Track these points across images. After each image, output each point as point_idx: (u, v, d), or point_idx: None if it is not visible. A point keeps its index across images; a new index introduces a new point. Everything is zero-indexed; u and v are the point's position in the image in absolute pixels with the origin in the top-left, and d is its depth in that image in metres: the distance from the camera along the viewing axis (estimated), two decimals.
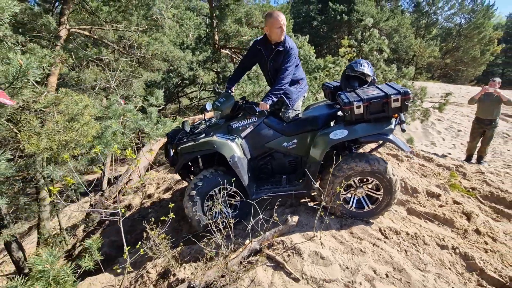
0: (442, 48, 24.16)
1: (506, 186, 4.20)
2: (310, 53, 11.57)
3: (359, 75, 2.59)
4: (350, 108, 2.29)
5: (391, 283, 2.02)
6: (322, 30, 26.91)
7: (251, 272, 2.12)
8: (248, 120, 2.59)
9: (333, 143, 2.38)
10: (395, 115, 2.39)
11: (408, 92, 2.28)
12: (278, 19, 2.38)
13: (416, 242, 2.53)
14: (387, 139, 2.32)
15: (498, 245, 2.79)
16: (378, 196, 2.56)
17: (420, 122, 7.69)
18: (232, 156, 2.42)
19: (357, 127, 2.36)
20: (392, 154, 4.45)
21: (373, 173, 2.42)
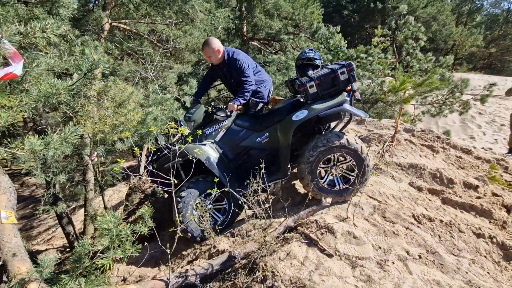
0: (486, 37, 22.24)
1: None
2: (341, 43, 11.31)
3: (307, 61, 2.76)
4: (304, 89, 2.47)
5: (424, 264, 2.07)
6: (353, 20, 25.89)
7: (286, 247, 2.28)
8: (220, 124, 2.74)
9: (297, 124, 2.49)
10: (347, 88, 2.53)
11: (351, 63, 2.49)
12: (204, 52, 2.77)
13: (451, 229, 2.53)
14: (343, 108, 2.45)
15: None
16: (351, 177, 2.63)
17: (459, 114, 7.30)
18: (207, 158, 2.53)
19: (314, 105, 2.50)
20: (427, 145, 4.34)
21: (337, 147, 2.50)
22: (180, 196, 2.54)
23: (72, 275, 1.88)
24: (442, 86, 4.27)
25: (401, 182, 3.35)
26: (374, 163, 3.69)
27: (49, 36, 1.57)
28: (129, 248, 2.03)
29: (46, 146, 1.74)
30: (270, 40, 15.00)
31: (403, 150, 4.03)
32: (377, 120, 5.22)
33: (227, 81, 2.96)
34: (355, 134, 4.51)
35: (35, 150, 1.78)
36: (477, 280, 2.00)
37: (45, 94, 1.65)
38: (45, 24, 1.59)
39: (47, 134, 1.91)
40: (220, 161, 2.63)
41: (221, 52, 2.75)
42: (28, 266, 2.27)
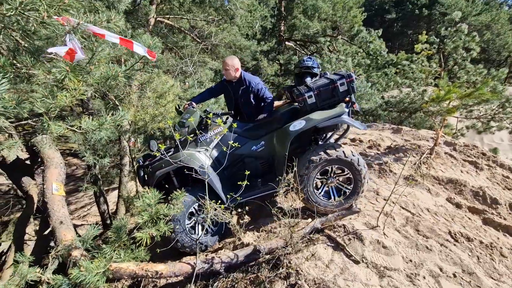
0: None
1: None
2: (382, 48, 10.89)
3: (305, 69, 2.71)
4: (303, 99, 2.45)
5: (459, 284, 1.96)
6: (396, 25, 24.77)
7: (311, 248, 2.27)
8: (215, 131, 2.69)
9: (294, 134, 2.43)
10: (346, 99, 2.48)
11: (351, 74, 2.44)
12: (224, 64, 2.84)
13: (492, 252, 2.35)
14: (342, 120, 2.40)
15: None
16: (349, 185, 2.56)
17: (509, 132, 6.69)
18: (200, 166, 2.46)
19: (312, 116, 2.44)
20: (470, 161, 4.06)
21: (333, 159, 2.44)
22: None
23: (112, 247, 2.05)
24: (493, 98, 3.95)
25: (438, 197, 3.17)
26: (409, 174, 3.54)
27: (113, 26, 1.72)
28: (163, 226, 2.15)
29: (100, 126, 1.90)
30: (307, 41, 14.85)
31: (442, 164, 3.81)
32: (415, 130, 4.96)
33: (235, 99, 3.00)
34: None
35: (90, 129, 1.96)
36: None
37: (105, 76, 1.80)
38: (109, 15, 1.75)
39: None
40: (214, 169, 2.58)
41: (238, 71, 2.88)
42: (72, 234, 2.50)
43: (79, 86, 1.87)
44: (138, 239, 1.99)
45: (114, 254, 2.01)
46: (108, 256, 2.00)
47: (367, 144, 4.52)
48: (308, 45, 15.66)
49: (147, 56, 1.91)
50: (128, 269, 2.12)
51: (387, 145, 4.37)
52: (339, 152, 2.43)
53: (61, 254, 2.33)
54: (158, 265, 2.26)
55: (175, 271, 2.24)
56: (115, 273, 2.06)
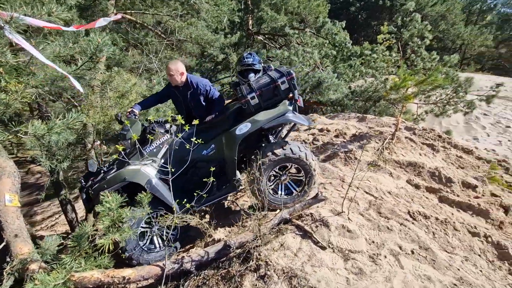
0: (496, 37, 21.85)
1: None
2: (346, 40, 11.22)
3: (247, 67, 2.69)
4: (246, 100, 2.44)
5: (416, 259, 2.10)
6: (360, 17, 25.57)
7: (281, 238, 2.31)
8: (161, 140, 2.57)
9: (241, 138, 2.43)
10: (289, 96, 2.52)
11: (291, 72, 2.47)
12: (168, 69, 2.74)
13: (446, 227, 2.55)
14: (286, 119, 2.44)
15: None
16: (301, 178, 2.64)
17: (463, 115, 7.24)
18: (148, 181, 2.35)
19: (257, 117, 2.45)
20: (428, 144, 4.33)
21: (283, 159, 2.48)
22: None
23: (73, 256, 1.94)
24: (445, 84, 4.24)
25: (399, 180, 3.36)
26: (373, 159, 3.70)
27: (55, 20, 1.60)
28: (128, 231, 2.07)
29: (49, 131, 1.78)
30: (275, 35, 14.88)
31: (403, 148, 4.03)
32: (379, 118, 5.20)
33: (184, 103, 2.92)
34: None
35: (38, 134, 1.82)
36: (469, 277, 2.02)
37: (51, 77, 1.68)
38: (51, 8, 1.63)
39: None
40: (165, 180, 2.43)
41: (184, 75, 2.79)
42: (30, 247, 2.34)
43: (20, 88, 1.73)
44: (99, 245, 1.91)
45: (74, 263, 1.91)
46: (68, 266, 1.90)
47: (334, 134, 4.67)
48: (277, 38, 15.74)
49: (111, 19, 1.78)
50: (92, 277, 2.03)
51: (352, 133, 4.54)
52: (286, 150, 2.47)
53: (17, 269, 2.18)
54: (125, 270, 2.18)
55: (144, 275, 2.18)
56: (78, 283, 1.97)
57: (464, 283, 1.95)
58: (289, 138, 3.15)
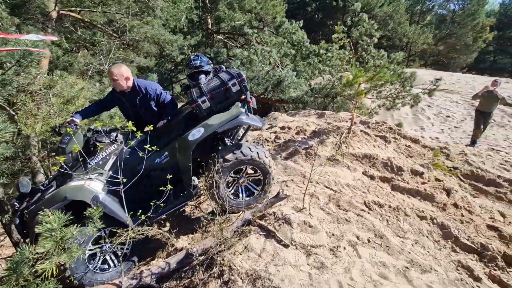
0: (435, 35, 24.22)
1: (487, 166, 4.45)
2: (304, 39, 11.56)
3: (195, 69, 2.62)
4: (197, 105, 2.37)
5: (372, 247, 2.21)
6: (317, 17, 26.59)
7: (244, 240, 2.29)
8: (107, 151, 2.34)
9: (194, 144, 2.34)
10: (242, 98, 2.49)
11: (241, 74, 2.44)
12: (111, 74, 2.50)
13: (398, 214, 2.73)
14: (239, 121, 2.39)
15: (474, 217, 3.02)
16: (259, 177, 2.62)
17: (410, 107, 7.88)
18: (94, 197, 2.15)
19: (210, 121, 2.39)
20: (381, 136, 4.62)
21: (236, 164, 2.45)
22: None
23: (8, 285, 1.71)
24: (392, 79, 4.57)
25: (355, 172, 3.53)
26: (331, 154, 3.85)
27: None
28: (76, 251, 1.89)
29: None
30: (235, 34, 14.87)
31: (359, 141, 4.25)
32: (336, 113, 5.44)
33: (132, 110, 2.71)
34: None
35: None
36: (418, 259, 2.18)
37: None
38: None
39: None
40: (114, 194, 2.25)
41: (130, 80, 2.57)
42: None
43: None
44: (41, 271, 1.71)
45: None
46: None
47: (295, 131, 4.77)
48: (237, 38, 15.74)
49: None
50: None
51: (312, 130, 4.68)
52: (237, 154, 2.43)
53: None
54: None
55: None
56: None
57: (415, 265, 2.10)
58: (245, 139, 3.12)
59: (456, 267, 2.27)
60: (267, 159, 2.55)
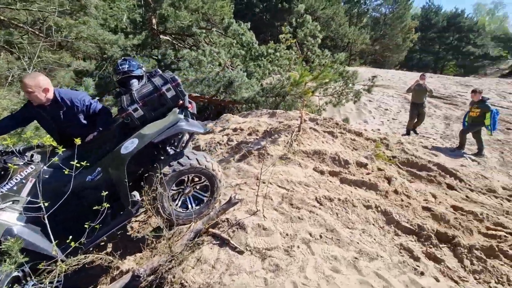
0: (372, 36, 26.56)
1: (419, 153, 4.96)
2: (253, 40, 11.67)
3: (124, 75, 2.47)
4: (127, 114, 2.16)
5: (324, 242, 2.27)
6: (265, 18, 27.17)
7: (197, 252, 2.16)
8: (23, 174, 2.01)
9: (128, 157, 2.10)
10: (179, 103, 2.35)
11: (175, 78, 2.32)
12: (25, 86, 2.16)
13: (346, 206, 2.86)
14: (178, 129, 2.21)
15: (411, 200, 3.32)
16: (205, 183, 2.52)
17: (353, 103, 8.45)
18: (6, 231, 1.82)
19: (145, 131, 2.17)
20: (328, 132, 4.85)
21: (175, 175, 2.29)
22: None
23: None
24: (334, 78, 4.83)
25: (306, 169, 3.63)
26: (283, 153, 3.90)
27: None
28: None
29: None
30: (183, 34, 14.37)
31: (309, 138, 4.39)
32: (287, 112, 5.56)
33: (55, 125, 2.39)
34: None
35: None
36: (366, 248, 2.30)
37: None
38: None
39: None
40: (36, 223, 1.94)
41: (49, 91, 2.25)
42: None
43: None
44: None
45: None
46: None
47: (247, 132, 4.74)
48: (185, 38, 15.23)
49: None
50: None
51: (264, 130, 4.70)
52: (175, 166, 2.26)
53: None
54: None
55: None
56: None
57: (363, 254, 2.21)
58: (190, 145, 2.97)
59: (399, 250, 2.45)
60: (209, 163, 2.42)
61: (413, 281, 2.03)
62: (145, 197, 2.10)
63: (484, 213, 3.18)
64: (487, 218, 3.15)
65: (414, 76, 17.10)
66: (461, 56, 30.75)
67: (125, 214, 2.22)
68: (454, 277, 2.25)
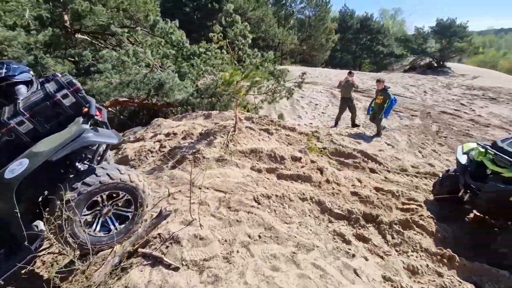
0: (299, 37, 28.35)
1: (346, 142, 5.43)
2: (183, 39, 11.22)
3: (3, 82, 2.04)
4: (9, 129, 1.76)
5: (264, 242, 2.25)
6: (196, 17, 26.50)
7: (125, 278, 1.90)
8: None
9: (16, 183, 1.69)
10: (84, 110, 2.00)
11: (73, 82, 1.99)
12: None
13: (284, 201, 2.91)
14: (84, 141, 1.86)
15: (341, 187, 3.58)
16: (126, 197, 2.20)
17: (287, 99, 8.84)
18: None
19: (38, 148, 1.77)
20: (264, 129, 4.93)
21: (82, 200, 1.94)
22: None
23: None
24: (264, 76, 4.93)
25: (244, 168, 3.60)
26: (219, 155, 3.79)
27: None
28: None
29: None
30: (103, 33, 12.95)
31: (245, 137, 4.38)
32: (222, 112, 5.46)
33: None
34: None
35: None
36: (303, 240, 2.37)
37: None
38: None
39: None
40: None
41: None
42: None
43: None
44: None
45: None
46: None
47: (181, 136, 4.49)
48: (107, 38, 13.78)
49: None
50: None
51: (199, 132, 4.51)
52: (80, 188, 1.90)
53: None
54: None
55: None
56: None
57: (301, 247, 2.26)
58: (109, 158, 2.59)
59: (333, 237, 2.59)
60: (125, 176, 2.10)
61: (346, 264, 2.16)
62: (47, 227, 1.73)
63: (400, 191, 3.63)
64: (402, 194, 3.60)
65: (337, 73, 18.86)
66: (373, 55, 35.24)
67: (24, 250, 1.80)
68: (380, 253, 2.48)
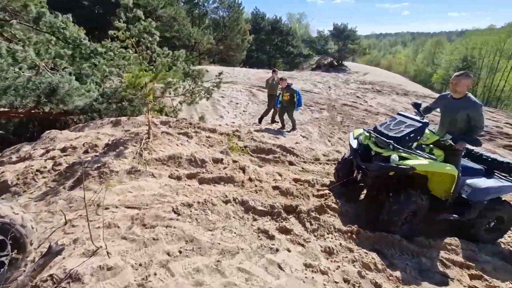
0: (215, 37, 28.28)
1: (266, 138, 5.63)
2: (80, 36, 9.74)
3: None
4: None
5: (185, 256, 2.09)
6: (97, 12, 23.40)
7: None
8: None
9: None
10: None
11: None
12: None
13: (206, 207, 2.78)
14: None
15: (263, 184, 3.66)
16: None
17: (207, 100, 8.66)
18: None
19: None
20: (183, 133, 4.67)
21: None
22: None
23: None
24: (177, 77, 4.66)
25: (161, 178, 3.31)
26: (131, 166, 3.39)
27: None
28: None
29: None
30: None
31: (161, 144, 4.05)
32: (134, 118, 4.93)
33: None
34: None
35: None
36: (228, 245, 2.30)
37: None
38: None
39: None
40: None
41: None
42: None
43: None
44: None
45: None
46: None
47: (82, 149, 3.84)
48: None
49: None
50: None
51: (105, 143, 3.95)
52: None
53: None
54: None
55: None
56: None
57: (225, 253, 2.19)
58: None
59: (258, 235, 2.61)
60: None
61: (270, 261, 2.19)
62: None
63: (315, 179, 3.95)
64: (317, 182, 3.92)
65: (255, 72, 19.61)
66: (285, 55, 38.10)
67: None
68: (301, 242, 2.62)
